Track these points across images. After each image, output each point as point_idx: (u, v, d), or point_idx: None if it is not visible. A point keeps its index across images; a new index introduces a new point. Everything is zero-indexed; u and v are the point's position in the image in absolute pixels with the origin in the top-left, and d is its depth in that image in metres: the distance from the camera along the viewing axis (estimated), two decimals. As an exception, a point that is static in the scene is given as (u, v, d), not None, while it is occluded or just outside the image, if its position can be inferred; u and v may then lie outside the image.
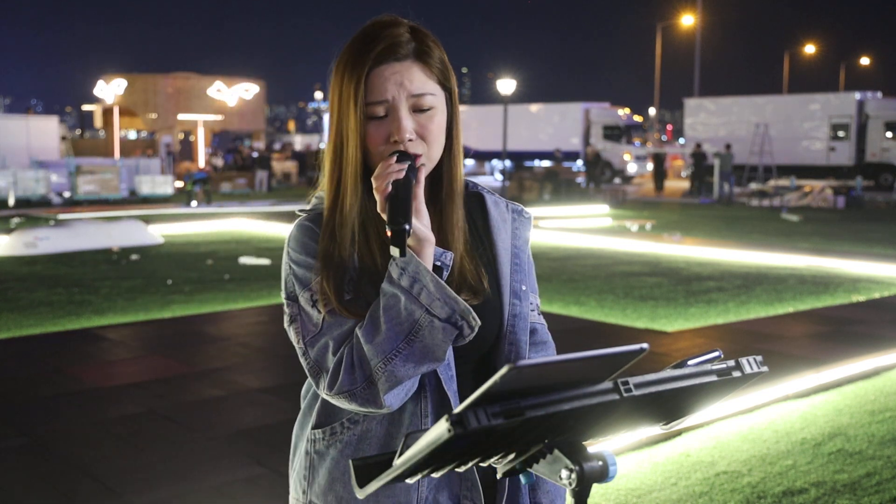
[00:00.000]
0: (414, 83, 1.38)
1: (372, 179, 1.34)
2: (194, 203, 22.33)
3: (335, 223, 1.40)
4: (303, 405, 1.54)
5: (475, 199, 1.55)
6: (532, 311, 1.54)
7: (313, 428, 1.47)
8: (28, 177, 23.02)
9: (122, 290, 9.31)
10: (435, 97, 1.41)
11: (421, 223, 1.34)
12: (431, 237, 1.34)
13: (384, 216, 1.30)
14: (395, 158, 1.35)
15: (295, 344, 1.39)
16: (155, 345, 6.95)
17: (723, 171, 25.55)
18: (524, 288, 1.53)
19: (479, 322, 1.32)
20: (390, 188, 1.31)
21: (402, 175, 1.32)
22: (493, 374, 1.39)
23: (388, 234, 1.27)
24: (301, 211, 1.47)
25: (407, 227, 1.27)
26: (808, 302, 8.74)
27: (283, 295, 1.43)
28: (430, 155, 1.41)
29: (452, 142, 1.46)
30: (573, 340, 6.86)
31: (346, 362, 1.32)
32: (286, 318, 1.42)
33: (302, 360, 1.39)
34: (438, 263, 1.37)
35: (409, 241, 1.31)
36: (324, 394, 1.35)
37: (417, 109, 1.39)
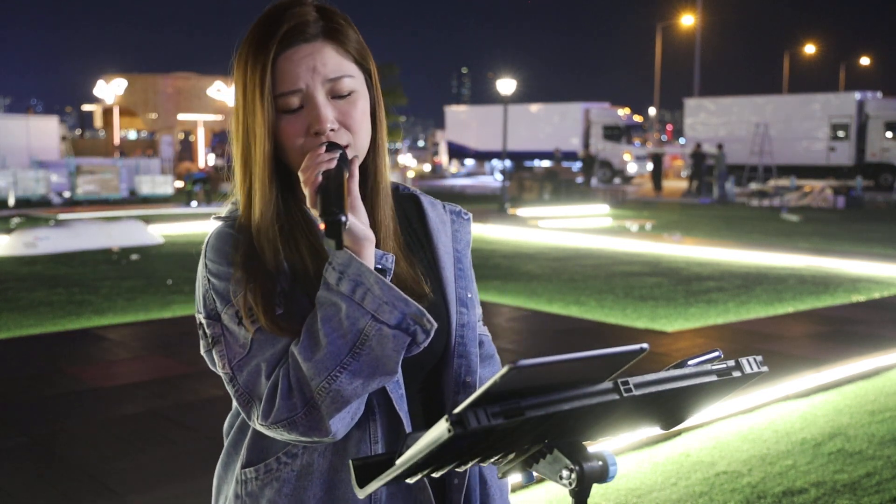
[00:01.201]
0: (328, 66, 1.22)
1: (299, 173, 1.18)
2: (194, 203, 22.35)
3: (252, 231, 1.23)
4: (226, 443, 1.36)
5: (410, 201, 1.41)
6: (478, 321, 1.40)
7: (243, 467, 1.29)
8: (28, 177, 23.03)
9: (122, 290, 9.31)
10: (354, 80, 1.25)
11: (359, 220, 1.18)
12: (371, 235, 1.19)
13: (315, 211, 1.15)
14: (323, 149, 1.20)
15: (220, 370, 1.22)
16: (155, 345, 6.95)
17: (718, 171, 25.62)
18: (469, 295, 1.37)
19: (435, 324, 1.17)
20: (320, 178, 1.15)
21: (332, 164, 1.17)
22: (443, 391, 1.33)
23: (322, 226, 1.12)
24: (217, 217, 1.29)
25: (343, 217, 1.12)
26: (808, 302, 8.74)
27: (200, 314, 1.25)
28: (356, 145, 1.25)
29: (377, 131, 1.31)
30: (573, 340, 6.86)
31: (283, 386, 1.15)
32: (204, 343, 1.24)
33: (229, 388, 1.21)
34: (380, 266, 1.21)
35: (346, 240, 1.16)
36: (258, 424, 1.18)
37: (336, 95, 1.23)
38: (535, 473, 1.18)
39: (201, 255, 1.26)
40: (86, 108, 45.83)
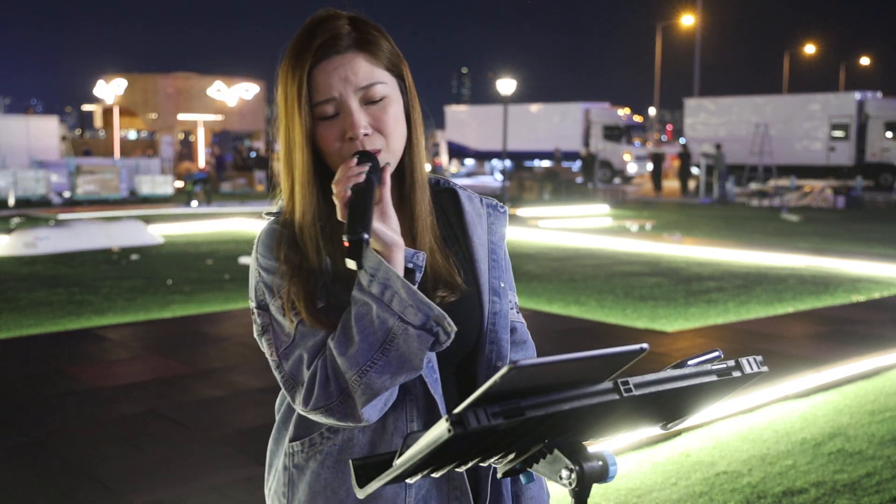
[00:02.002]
0: (359, 75, 1.31)
1: (332, 185, 1.27)
2: (195, 203, 22.38)
3: (295, 230, 1.33)
4: (277, 418, 1.47)
5: (448, 195, 1.48)
6: (511, 309, 1.48)
7: (291, 441, 1.40)
8: (28, 177, 23.02)
9: (122, 290, 9.31)
10: (386, 86, 1.33)
11: (388, 227, 1.26)
12: (400, 241, 1.27)
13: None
14: (355, 161, 1.27)
15: (268, 356, 1.32)
16: (155, 345, 6.95)
17: (718, 171, 25.63)
18: (503, 285, 1.46)
19: (455, 328, 1.25)
20: (349, 193, 1.23)
21: (361, 178, 1.24)
22: (476, 375, 1.42)
23: (345, 244, 1.19)
24: (268, 214, 1.40)
25: (365, 236, 1.18)
26: (808, 302, 8.74)
27: (252, 303, 1.35)
28: (390, 148, 1.33)
29: (412, 131, 1.38)
30: (573, 340, 6.86)
31: (321, 376, 1.25)
32: (256, 328, 1.35)
33: (276, 373, 1.31)
34: (410, 265, 1.29)
35: (377, 245, 1.25)
36: (300, 408, 1.29)
37: (369, 101, 1.32)
38: (535, 473, 1.18)
39: (253, 248, 1.36)
40: (86, 108, 45.83)
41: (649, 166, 33.21)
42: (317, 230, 1.32)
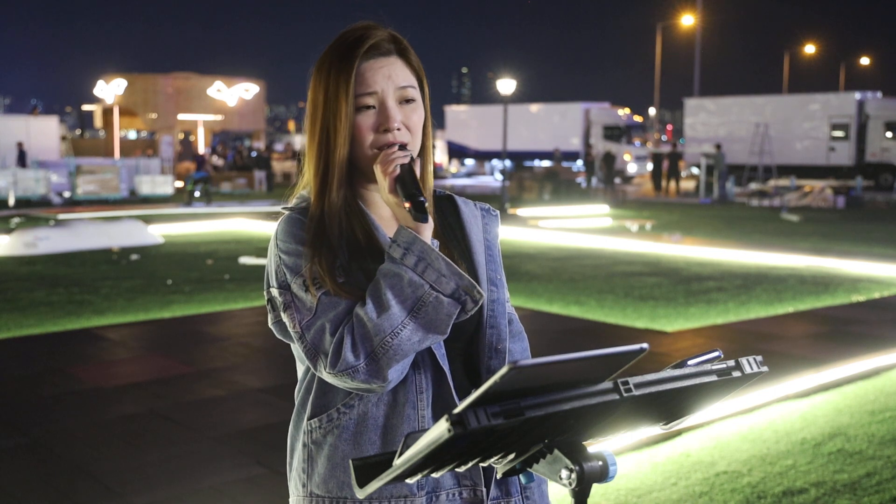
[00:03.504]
0: (399, 76, 1.48)
1: (376, 166, 1.43)
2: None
3: (322, 212, 1.46)
4: (296, 403, 1.56)
5: (446, 200, 1.64)
6: (506, 301, 1.61)
7: (308, 419, 1.50)
8: (28, 177, 23.02)
9: (122, 290, 9.31)
10: (416, 91, 1.51)
11: None
12: (430, 221, 1.41)
13: (393, 197, 1.40)
14: (396, 147, 1.44)
15: (290, 330, 1.43)
16: (155, 345, 6.95)
17: (718, 171, 25.61)
18: (499, 277, 1.59)
19: (484, 295, 1.39)
20: (398, 171, 1.40)
21: (407, 160, 1.42)
22: (477, 358, 1.52)
23: (408, 205, 1.37)
24: (286, 208, 1.52)
25: (423, 198, 1.38)
26: (808, 302, 8.74)
27: (271, 287, 1.47)
28: (413, 145, 1.50)
29: (426, 140, 1.54)
30: (573, 340, 6.86)
31: (348, 341, 1.36)
32: (273, 313, 1.48)
33: (298, 345, 1.42)
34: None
35: (411, 222, 1.39)
36: (325, 373, 1.38)
37: (402, 101, 1.48)
38: (535, 473, 1.18)
39: (272, 239, 1.49)
40: (86, 108, 45.81)
41: (649, 166, 33.20)
42: (344, 212, 1.47)
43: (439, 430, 0.95)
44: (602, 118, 37.80)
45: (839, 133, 32.31)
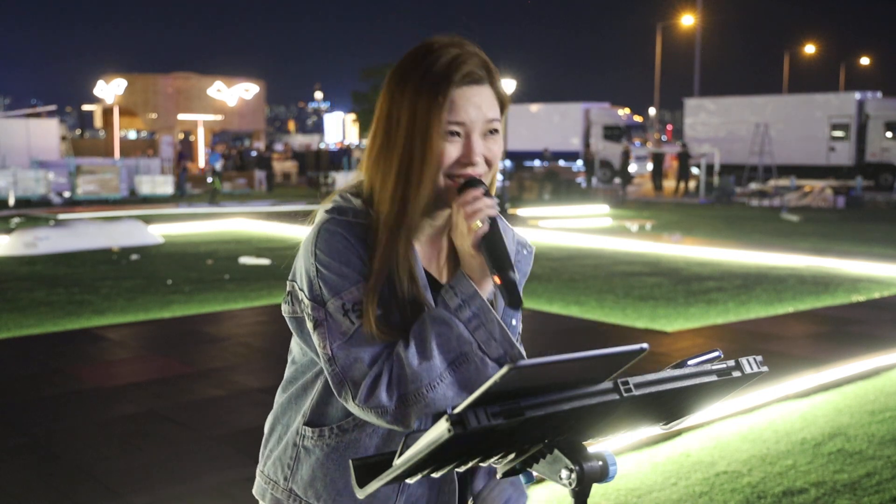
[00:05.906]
0: (489, 109, 1.41)
1: (457, 204, 1.35)
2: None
3: (390, 241, 1.36)
4: (292, 388, 1.51)
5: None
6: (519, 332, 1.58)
7: (304, 424, 1.47)
8: (28, 177, 23.02)
9: (122, 290, 9.31)
10: (499, 122, 1.44)
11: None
12: (491, 279, 1.35)
13: (477, 252, 1.33)
14: (481, 191, 1.35)
15: (319, 348, 1.36)
16: (155, 345, 6.95)
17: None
18: (514, 322, 1.51)
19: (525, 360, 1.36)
20: (487, 227, 1.33)
21: (494, 212, 1.35)
22: None
23: (499, 281, 1.29)
24: (328, 212, 1.42)
25: (515, 278, 1.29)
26: (808, 302, 8.74)
27: (302, 291, 1.38)
28: (488, 178, 1.43)
29: (495, 168, 1.48)
30: (573, 340, 6.86)
31: (385, 379, 1.30)
32: (289, 308, 1.43)
33: (326, 366, 1.35)
34: (490, 298, 1.39)
35: (476, 275, 1.34)
36: (351, 404, 1.33)
37: (486, 132, 1.41)
38: (534, 473, 1.18)
39: (310, 243, 1.38)
40: (86, 108, 45.82)
41: (649, 166, 33.20)
42: (410, 234, 1.38)
43: (439, 430, 0.95)
44: (602, 118, 37.79)
45: (839, 133, 32.32)
